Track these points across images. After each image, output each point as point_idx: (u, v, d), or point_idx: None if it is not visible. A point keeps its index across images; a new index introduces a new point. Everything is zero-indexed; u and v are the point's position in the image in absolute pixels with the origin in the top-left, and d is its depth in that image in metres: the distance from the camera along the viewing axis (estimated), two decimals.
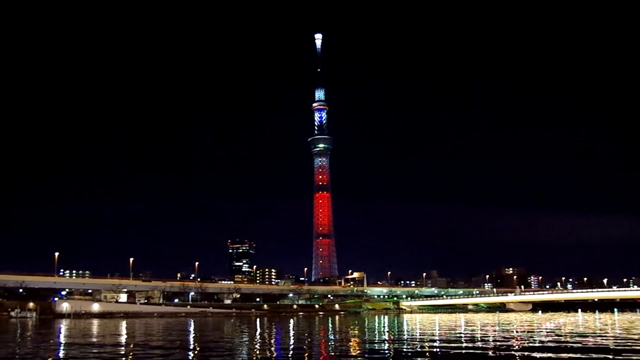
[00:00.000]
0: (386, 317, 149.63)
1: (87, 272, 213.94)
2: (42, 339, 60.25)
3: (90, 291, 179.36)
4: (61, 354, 43.05)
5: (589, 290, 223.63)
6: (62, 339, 58.28)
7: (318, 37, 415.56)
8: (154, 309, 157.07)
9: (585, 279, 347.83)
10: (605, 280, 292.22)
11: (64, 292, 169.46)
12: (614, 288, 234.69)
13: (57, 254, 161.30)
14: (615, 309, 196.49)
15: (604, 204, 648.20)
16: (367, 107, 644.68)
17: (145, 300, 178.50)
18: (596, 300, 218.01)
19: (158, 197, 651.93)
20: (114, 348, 47.03)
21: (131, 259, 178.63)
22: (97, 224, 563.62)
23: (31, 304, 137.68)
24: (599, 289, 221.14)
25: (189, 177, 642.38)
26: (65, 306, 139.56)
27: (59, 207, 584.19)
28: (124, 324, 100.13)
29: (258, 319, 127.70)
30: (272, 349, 46.33)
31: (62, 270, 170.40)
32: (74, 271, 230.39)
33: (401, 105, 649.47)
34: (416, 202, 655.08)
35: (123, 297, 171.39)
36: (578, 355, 37.26)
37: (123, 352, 43.60)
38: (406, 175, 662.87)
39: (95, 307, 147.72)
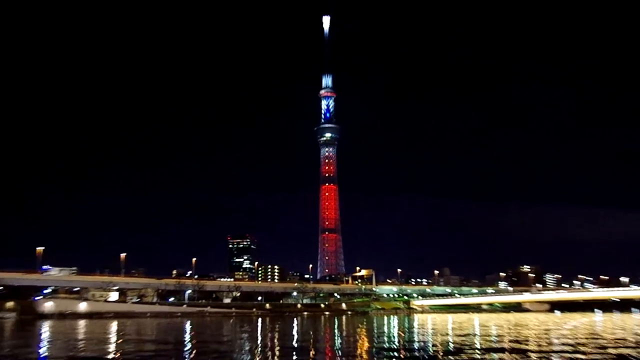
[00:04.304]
0: (396, 317, 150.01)
1: (74, 268, 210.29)
2: (20, 343, 56.73)
3: (77, 289, 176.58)
4: None
5: (608, 289, 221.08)
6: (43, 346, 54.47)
7: (326, 19, 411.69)
8: (147, 309, 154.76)
9: (604, 277, 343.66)
10: (626, 279, 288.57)
11: (47, 290, 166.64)
12: (634, 287, 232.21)
13: (41, 248, 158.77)
14: (635, 309, 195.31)
15: (624, 199, 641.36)
16: (378, 94, 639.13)
17: (138, 299, 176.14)
18: (616, 299, 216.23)
19: (153, 189, 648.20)
20: None
21: (122, 255, 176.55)
22: (86, 217, 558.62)
23: (10, 304, 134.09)
24: (619, 288, 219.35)
25: (186, 168, 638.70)
26: (49, 306, 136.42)
27: (45, 199, 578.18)
28: (114, 325, 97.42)
29: (260, 319, 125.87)
30: None
31: (46, 266, 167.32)
32: (59, 267, 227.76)
33: (414, 93, 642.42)
34: (428, 196, 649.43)
35: (113, 296, 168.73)
36: None
37: None
38: (418, 167, 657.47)
39: (83, 306, 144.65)
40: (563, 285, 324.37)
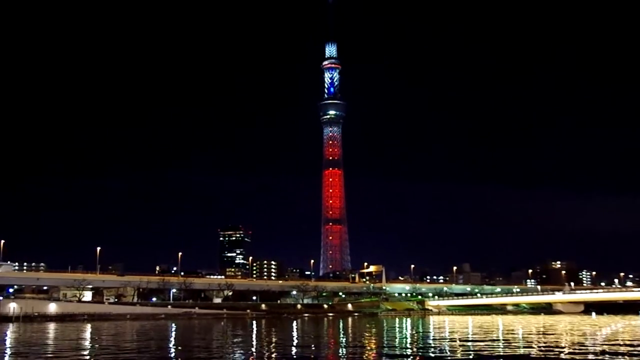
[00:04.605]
0: (409, 319, 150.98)
1: (42, 264, 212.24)
2: None
3: (45, 288, 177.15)
4: None
5: None
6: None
7: None
8: (126, 310, 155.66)
9: None
10: None
11: (11, 290, 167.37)
12: None
13: (2, 241, 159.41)
14: None
15: None
16: (388, 66, 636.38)
17: (116, 299, 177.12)
18: None
19: (133, 173, 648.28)
20: None
21: (98, 248, 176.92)
22: (56, 205, 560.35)
23: None
24: None
25: (171, 149, 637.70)
26: (12, 307, 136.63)
27: (8, 183, 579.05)
28: (88, 329, 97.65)
29: (254, 322, 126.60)
30: None
31: (9, 261, 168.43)
32: (25, 263, 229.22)
33: (430, 65, 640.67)
34: (446, 182, 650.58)
35: (87, 296, 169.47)
36: None
37: None
38: (434, 150, 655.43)
39: (52, 307, 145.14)
40: (600, 283, 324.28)
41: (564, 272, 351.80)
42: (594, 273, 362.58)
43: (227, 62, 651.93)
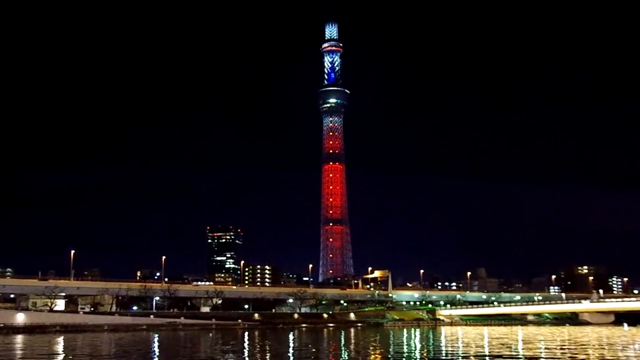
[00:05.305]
0: (418, 330, 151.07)
1: (9, 269, 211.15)
2: None
3: (12, 296, 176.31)
4: None
5: None
6: None
7: None
8: (103, 320, 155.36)
9: None
10: None
11: None
12: None
13: None
14: None
15: None
16: (395, 49, 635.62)
17: (92, 309, 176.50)
18: None
19: (111, 166, 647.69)
20: None
21: (72, 252, 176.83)
22: (24, 203, 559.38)
23: None
24: None
25: (154, 141, 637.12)
26: None
27: None
28: (60, 341, 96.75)
29: (246, 333, 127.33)
30: None
31: None
32: None
33: (443, 46, 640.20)
34: (459, 177, 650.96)
35: (60, 305, 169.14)
36: None
37: None
38: (447, 143, 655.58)
39: (20, 318, 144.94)
40: (634, 291, 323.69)
41: (591, 277, 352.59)
42: (625, 279, 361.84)
43: (219, 48, 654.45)
